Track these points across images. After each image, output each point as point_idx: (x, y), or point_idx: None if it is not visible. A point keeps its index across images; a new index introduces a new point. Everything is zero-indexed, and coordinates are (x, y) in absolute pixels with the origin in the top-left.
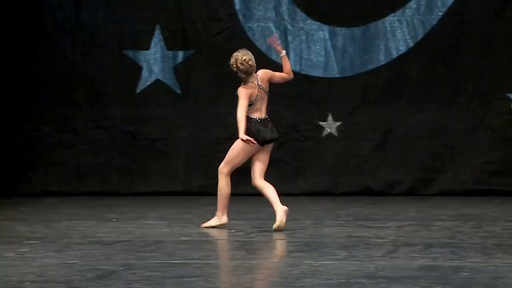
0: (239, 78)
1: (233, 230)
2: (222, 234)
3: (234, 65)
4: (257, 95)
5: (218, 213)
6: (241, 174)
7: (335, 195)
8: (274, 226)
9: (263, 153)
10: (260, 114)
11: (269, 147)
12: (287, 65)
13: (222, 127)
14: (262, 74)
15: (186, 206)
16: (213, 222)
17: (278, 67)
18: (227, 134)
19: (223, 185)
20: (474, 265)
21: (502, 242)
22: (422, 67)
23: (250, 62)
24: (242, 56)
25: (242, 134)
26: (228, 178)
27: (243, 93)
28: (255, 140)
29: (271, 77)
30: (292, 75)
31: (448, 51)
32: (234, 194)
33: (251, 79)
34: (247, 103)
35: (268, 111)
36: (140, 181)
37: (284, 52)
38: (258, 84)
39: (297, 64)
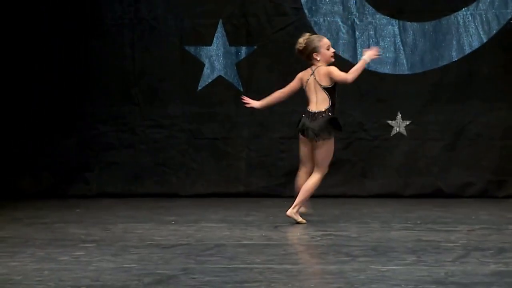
0: None
1: (298, 234)
2: (285, 238)
3: None
4: (306, 82)
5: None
6: None
7: (404, 197)
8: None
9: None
10: (311, 106)
11: (317, 143)
12: (355, 67)
13: (286, 126)
14: (325, 68)
15: (248, 208)
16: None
17: (343, 62)
18: (292, 134)
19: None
20: None
21: None
22: (495, 64)
23: (297, 45)
24: (299, 38)
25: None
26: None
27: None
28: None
29: (331, 72)
30: (349, 77)
31: None
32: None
33: (313, 66)
34: (293, 84)
35: (337, 110)
36: (200, 182)
37: (366, 59)
38: (313, 72)
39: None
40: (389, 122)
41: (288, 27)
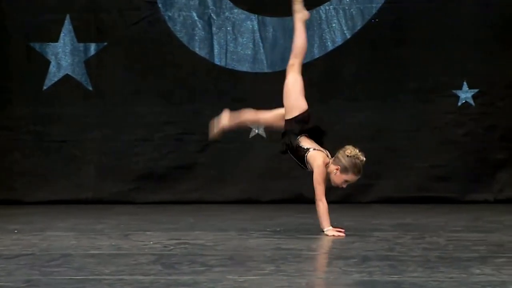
0: (160, 73)
1: (151, 242)
2: (136, 247)
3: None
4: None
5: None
6: (158, 180)
7: (263, 202)
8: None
9: None
10: None
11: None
12: (322, 215)
13: (140, 127)
14: (318, 163)
15: (98, 215)
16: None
17: (200, 60)
18: (146, 135)
19: None
20: (415, 280)
21: (446, 255)
22: (360, 61)
23: (347, 150)
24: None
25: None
26: None
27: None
28: None
29: (314, 168)
30: (318, 198)
31: (389, 43)
32: (152, 202)
33: (327, 154)
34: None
35: (195, 111)
36: (47, 188)
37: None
38: (318, 150)
39: (222, 58)
40: None
41: (141, 22)
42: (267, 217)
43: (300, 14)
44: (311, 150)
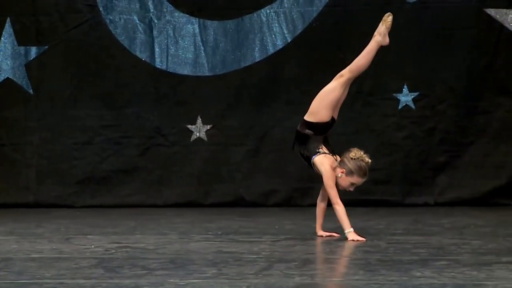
0: (101, 76)
1: (92, 246)
2: (77, 251)
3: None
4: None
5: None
6: (98, 184)
7: (204, 206)
8: None
9: None
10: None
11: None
12: (342, 218)
13: (80, 131)
14: (326, 165)
15: (38, 219)
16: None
17: (141, 63)
18: (86, 139)
19: None
20: (356, 283)
21: (387, 258)
22: (301, 65)
23: (353, 153)
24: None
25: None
26: None
27: None
28: None
29: (321, 171)
30: (334, 203)
31: (329, 46)
32: (92, 206)
33: (336, 159)
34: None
35: (135, 114)
36: None
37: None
38: (327, 153)
39: (163, 62)
40: (189, 126)
41: (82, 25)
42: (208, 221)
43: (381, 38)
44: (318, 154)
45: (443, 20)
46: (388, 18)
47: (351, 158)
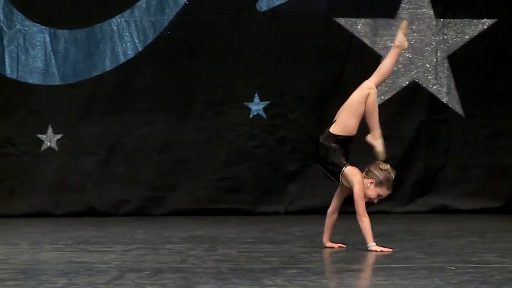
0: None
1: None
2: None
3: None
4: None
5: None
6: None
7: (55, 216)
8: None
9: None
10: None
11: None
12: (365, 230)
13: None
14: (356, 179)
15: None
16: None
17: None
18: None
19: None
20: None
21: (238, 266)
22: (152, 74)
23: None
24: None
25: None
26: None
27: None
28: None
29: (352, 185)
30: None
31: (180, 55)
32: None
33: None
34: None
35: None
36: None
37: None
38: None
39: (13, 71)
40: (40, 136)
41: None
42: (59, 230)
43: (400, 45)
44: (346, 165)
45: (294, 29)
46: (403, 25)
47: (381, 170)
